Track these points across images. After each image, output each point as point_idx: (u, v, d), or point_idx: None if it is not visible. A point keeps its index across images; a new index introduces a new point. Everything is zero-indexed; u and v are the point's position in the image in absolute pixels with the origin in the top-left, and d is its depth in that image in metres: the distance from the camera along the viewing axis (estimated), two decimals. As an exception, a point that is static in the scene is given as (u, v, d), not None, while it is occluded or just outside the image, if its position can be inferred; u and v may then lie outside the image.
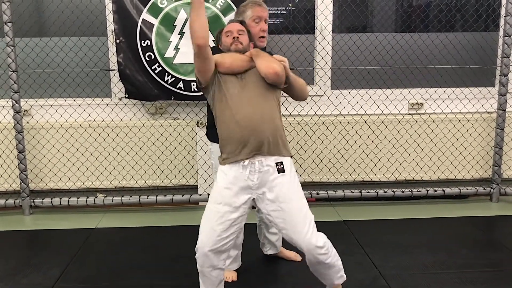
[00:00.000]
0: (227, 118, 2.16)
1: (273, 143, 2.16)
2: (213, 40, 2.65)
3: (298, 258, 2.97)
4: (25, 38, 3.89)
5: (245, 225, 2.87)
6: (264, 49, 2.59)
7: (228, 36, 2.30)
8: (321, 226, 3.57)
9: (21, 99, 3.86)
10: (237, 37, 2.27)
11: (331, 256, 2.22)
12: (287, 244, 2.95)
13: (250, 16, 2.53)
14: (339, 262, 2.31)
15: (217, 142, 2.29)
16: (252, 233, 3.03)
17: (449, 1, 4.21)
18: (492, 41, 4.17)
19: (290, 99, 4.03)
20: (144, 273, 2.90)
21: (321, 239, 2.19)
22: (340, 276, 2.37)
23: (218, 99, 2.20)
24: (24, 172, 3.88)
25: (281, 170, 2.18)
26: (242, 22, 2.41)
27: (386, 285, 2.70)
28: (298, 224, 2.16)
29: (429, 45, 4.10)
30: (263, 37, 2.53)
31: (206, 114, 2.73)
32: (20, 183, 3.90)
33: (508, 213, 3.87)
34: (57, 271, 2.91)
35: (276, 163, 2.17)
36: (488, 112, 4.19)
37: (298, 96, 2.37)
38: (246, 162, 2.15)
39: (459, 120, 4.15)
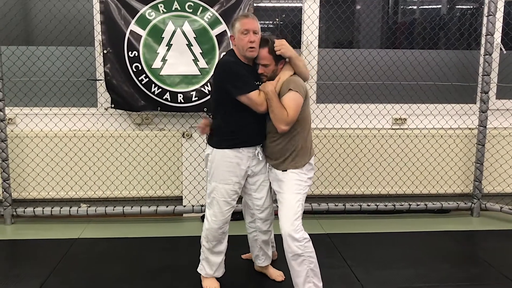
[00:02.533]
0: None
1: None
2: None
3: (279, 278, 2.94)
4: (11, 46, 3.88)
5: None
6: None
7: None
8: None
9: (6, 107, 3.84)
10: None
11: (305, 257, 2.52)
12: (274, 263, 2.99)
13: (238, 29, 2.58)
14: (311, 267, 2.54)
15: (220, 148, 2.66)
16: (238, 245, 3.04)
17: (432, 19, 4.31)
18: (474, 59, 4.27)
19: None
20: (127, 285, 2.88)
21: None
22: (309, 287, 2.55)
23: None
24: (6, 181, 3.84)
25: None
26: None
27: (368, 298, 2.73)
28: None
29: (413, 61, 4.19)
30: (252, 47, 2.56)
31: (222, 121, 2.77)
32: (3, 192, 3.86)
33: (489, 228, 3.94)
34: (37, 282, 2.88)
35: None
36: (470, 128, 4.27)
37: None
38: None
39: (441, 136, 4.22)
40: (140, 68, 3.79)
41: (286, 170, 2.64)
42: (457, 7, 4.46)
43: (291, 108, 2.52)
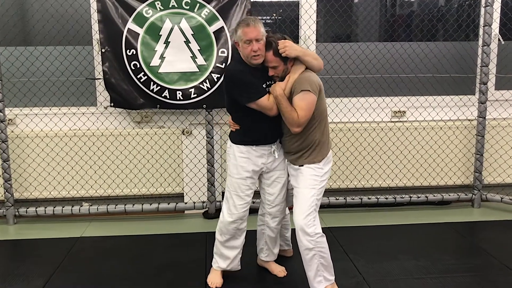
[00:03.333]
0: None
1: None
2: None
3: (281, 274, 2.95)
4: (9, 47, 3.89)
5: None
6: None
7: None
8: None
9: (6, 108, 3.85)
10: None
11: (316, 251, 2.55)
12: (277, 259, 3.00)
13: (240, 38, 2.53)
14: (322, 261, 2.57)
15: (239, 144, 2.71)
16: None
17: (430, 11, 4.30)
18: (472, 50, 4.27)
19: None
20: (129, 282, 2.90)
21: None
22: (319, 281, 2.58)
23: None
24: (8, 182, 3.86)
25: None
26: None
27: (370, 291, 2.74)
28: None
29: (411, 54, 4.18)
30: (257, 55, 2.53)
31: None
32: (4, 193, 3.88)
33: (489, 219, 3.95)
34: (41, 281, 2.90)
35: None
36: (469, 120, 4.27)
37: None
38: None
39: (441, 128, 4.22)
40: (138, 66, 3.80)
41: (302, 165, 2.62)
42: (454, -2, 4.46)
43: (302, 109, 2.49)
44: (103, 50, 3.79)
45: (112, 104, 3.91)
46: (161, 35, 3.78)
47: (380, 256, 3.20)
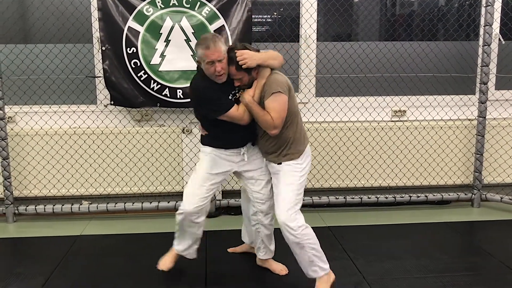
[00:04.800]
0: None
1: None
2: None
3: (283, 272, 2.96)
4: (9, 45, 3.88)
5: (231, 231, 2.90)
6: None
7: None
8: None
9: (6, 106, 3.84)
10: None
11: (304, 244, 2.57)
12: (276, 256, 3.00)
13: (202, 59, 2.51)
14: (313, 252, 2.60)
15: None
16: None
17: (431, 10, 4.30)
18: (472, 50, 4.27)
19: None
20: (129, 281, 2.90)
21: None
22: (314, 270, 2.63)
23: None
24: (8, 179, 3.85)
25: None
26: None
27: (370, 290, 2.75)
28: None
29: (412, 53, 4.18)
30: (220, 75, 2.51)
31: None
32: (4, 190, 3.87)
33: (489, 218, 3.95)
34: (41, 279, 2.89)
35: None
36: (469, 119, 4.27)
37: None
38: None
39: (441, 127, 4.23)
40: (138, 64, 3.79)
41: (281, 163, 2.66)
42: (455, -2, 4.46)
43: (276, 110, 2.51)
44: (103, 48, 3.79)
45: (112, 102, 3.91)
46: (161, 33, 3.78)
47: (380, 255, 3.20)
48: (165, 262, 2.93)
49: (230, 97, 2.61)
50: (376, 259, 3.14)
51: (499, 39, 4.13)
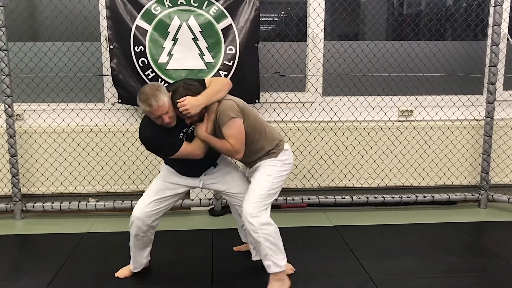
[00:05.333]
0: None
1: None
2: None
3: (290, 271, 2.90)
4: (18, 43, 3.91)
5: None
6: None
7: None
8: (312, 231, 3.65)
9: (14, 104, 3.86)
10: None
11: (260, 236, 2.55)
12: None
13: (149, 114, 2.49)
14: (268, 245, 2.57)
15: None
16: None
17: (439, 10, 4.28)
18: (480, 50, 4.25)
19: (282, 105, 4.09)
20: (134, 279, 2.91)
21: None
22: (267, 265, 2.63)
23: None
24: (16, 177, 3.88)
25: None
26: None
27: (376, 290, 2.74)
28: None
29: (419, 53, 4.17)
30: (169, 123, 2.51)
31: None
32: (12, 188, 3.90)
33: (496, 219, 3.94)
34: (49, 275, 2.91)
35: None
36: (476, 120, 4.26)
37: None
38: None
39: (448, 127, 4.21)
40: (146, 63, 3.81)
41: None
42: (463, -3, 4.44)
43: (233, 137, 2.53)
44: (111, 47, 3.81)
45: (119, 101, 3.93)
46: (169, 32, 3.79)
47: (386, 255, 3.20)
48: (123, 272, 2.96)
49: (181, 135, 2.62)
50: (382, 258, 3.14)
51: (508, 39, 4.11)
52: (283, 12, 4.24)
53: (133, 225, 2.78)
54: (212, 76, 3.81)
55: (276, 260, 2.63)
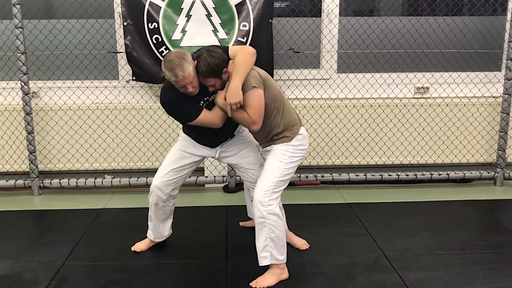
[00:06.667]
0: None
1: None
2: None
3: (304, 247, 2.95)
4: (33, 20, 3.92)
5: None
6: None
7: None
8: (326, 208, 3.65)
9: (30, 81, 3.90)
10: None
11: (266, 225, 2.49)
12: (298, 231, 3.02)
13: (173, 82, 2.45)
14: (271, 236, 2.51)
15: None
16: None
17: (456, -16, 4.18)
18: (499, 25, 4.16)
19: (296, 82, 4.05)
20: (150, 253, 2.96)
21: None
22: (264, 256, 2.56)
23: None
24: (33, 154, 3.93)
25: None
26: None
27: (389, 265, 2.75)
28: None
29: (436, 29, 4.09)
30: (193, 91, 2.48)
31: None
32: (29, 164, 3.96)
33: (512, 197, 3.91)
34: (66, 249, 2.97)
35: None
36: (494, 97, 4.19)
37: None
38: None
39: (465, 105, 4.15)
40: (160, 39, 3.80)
41: (272, 145, 2.64)
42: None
43: (251, 107, 2.46)
44: (125, 24, 3.80)
45: (134, 78, 3.94)
46: (182, 8, 3.76)
47: (400, 232, 3.20)
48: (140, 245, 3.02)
49: (202, 103, 2.59)
50: (396, 235, 3.14)
51: (528, 14, 4.01)
52: (297, -12, 4.17)
53: (152, 194, 2.84)
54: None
55: (274, 252, 2.54)
